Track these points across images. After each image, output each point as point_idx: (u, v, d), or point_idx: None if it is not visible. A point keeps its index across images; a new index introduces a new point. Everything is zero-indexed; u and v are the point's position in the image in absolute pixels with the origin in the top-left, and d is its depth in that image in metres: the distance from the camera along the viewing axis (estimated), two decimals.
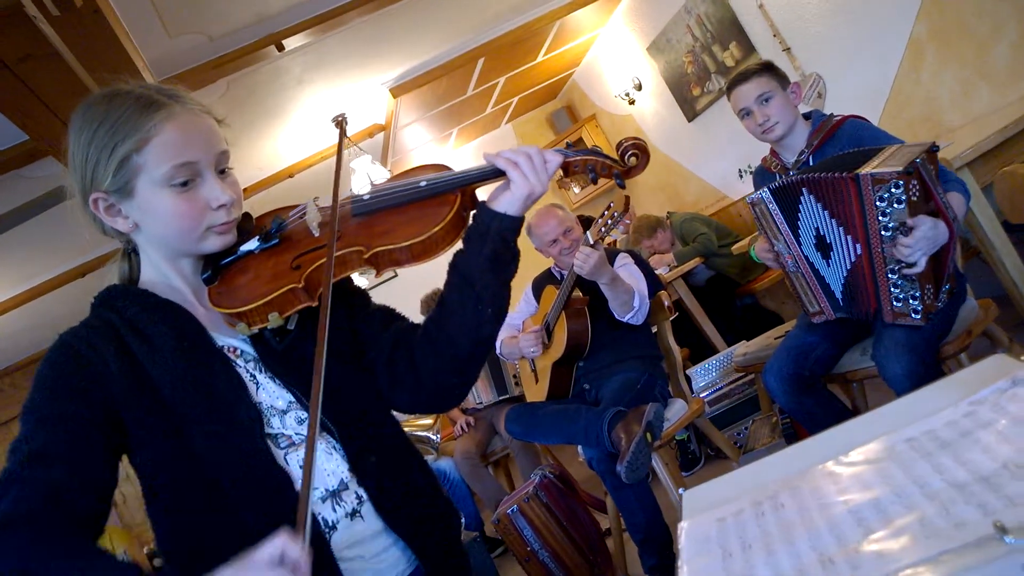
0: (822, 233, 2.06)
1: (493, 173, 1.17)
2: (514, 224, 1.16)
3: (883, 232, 1.91)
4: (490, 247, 1.14)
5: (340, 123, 1.27)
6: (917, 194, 1.85)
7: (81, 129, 1.10)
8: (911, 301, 1.96)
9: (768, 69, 2.40)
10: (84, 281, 5.00)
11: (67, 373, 1.04)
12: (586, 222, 3.08)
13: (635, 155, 1.22)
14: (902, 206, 1.85)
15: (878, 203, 1.88)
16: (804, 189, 2.04)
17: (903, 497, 0.62)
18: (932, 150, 1.90)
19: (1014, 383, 0.71)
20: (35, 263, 4.72)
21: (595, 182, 1.25)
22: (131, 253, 1.22)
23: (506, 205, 1.15)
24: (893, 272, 1.96)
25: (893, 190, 1.84)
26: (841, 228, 2.01)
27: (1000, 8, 3.18)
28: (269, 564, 0.81)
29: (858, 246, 2.00)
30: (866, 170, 1.87)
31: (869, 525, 0.61)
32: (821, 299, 2.18)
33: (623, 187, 1.26)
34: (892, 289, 1.98)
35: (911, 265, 1.89)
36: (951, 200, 2.00)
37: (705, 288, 5.06)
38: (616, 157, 1.22)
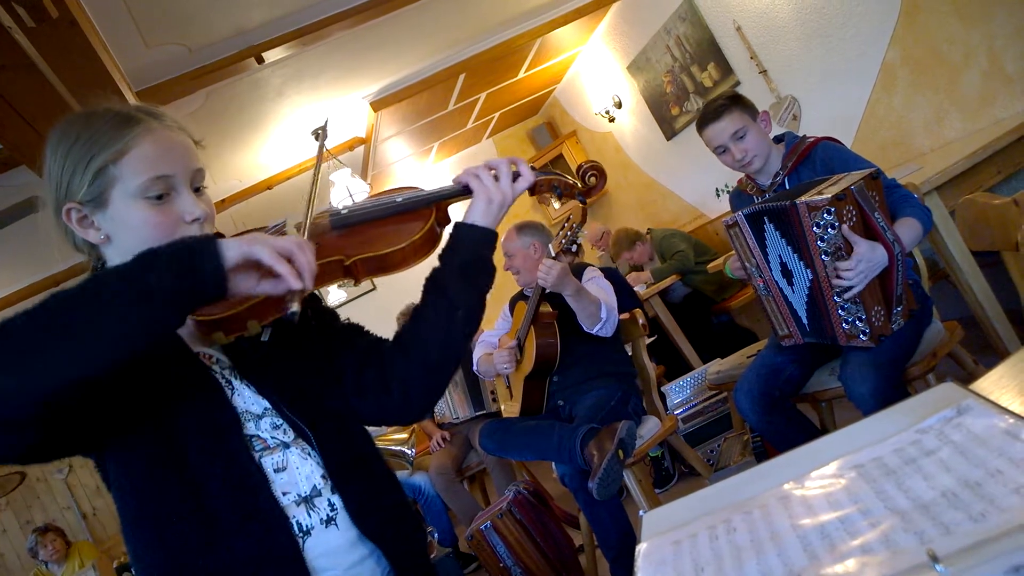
0: (783, 260, 2.10)
1: (464, 190, 1.25)
2: (484, 235, 1.24)
3: (824, 257, 1.97)
4: (461, 257, 1.23)
5: (319, 134, 1.38)
6: (854, 219, 1.92)
7: (59, 142, 1.10)
8: (857, 323, 2.01)
9: (737, 102, 2.35)
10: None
11: None
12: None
13: (594, 176, 1.39)
14: (835, 231, 1.92)
15: (815, 229, 1.95)
16: (765, 217, 2.08)
17: (847, 524, 0.63)
18: (873, 176, 1.95)
19: (959, 412, 0.73)
20: (6, 273, 4.67)
21: (560, 199, 1.40)
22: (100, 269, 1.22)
23: (474, 216, 1.24)
24: (838, 295, 2.00)
25: (826, 216, 1.91)
26: (795, 255, 2.06)
27: (971, 37, 3.25)
28: (288, 239, 1.00)
29: (808, 271, 2.04)
30: (803, 198, 1.94)
31: (814, 551, 0.62)
32: (790, 323, 2.21)
33: (585, 204, 1.51)
34: (840, 312, 2.03)
35: (847, 288, 1.94)
36: (903, 225, 2.04)
37: (681, 305, 5.11)
38: (577, 179, 1.38)
